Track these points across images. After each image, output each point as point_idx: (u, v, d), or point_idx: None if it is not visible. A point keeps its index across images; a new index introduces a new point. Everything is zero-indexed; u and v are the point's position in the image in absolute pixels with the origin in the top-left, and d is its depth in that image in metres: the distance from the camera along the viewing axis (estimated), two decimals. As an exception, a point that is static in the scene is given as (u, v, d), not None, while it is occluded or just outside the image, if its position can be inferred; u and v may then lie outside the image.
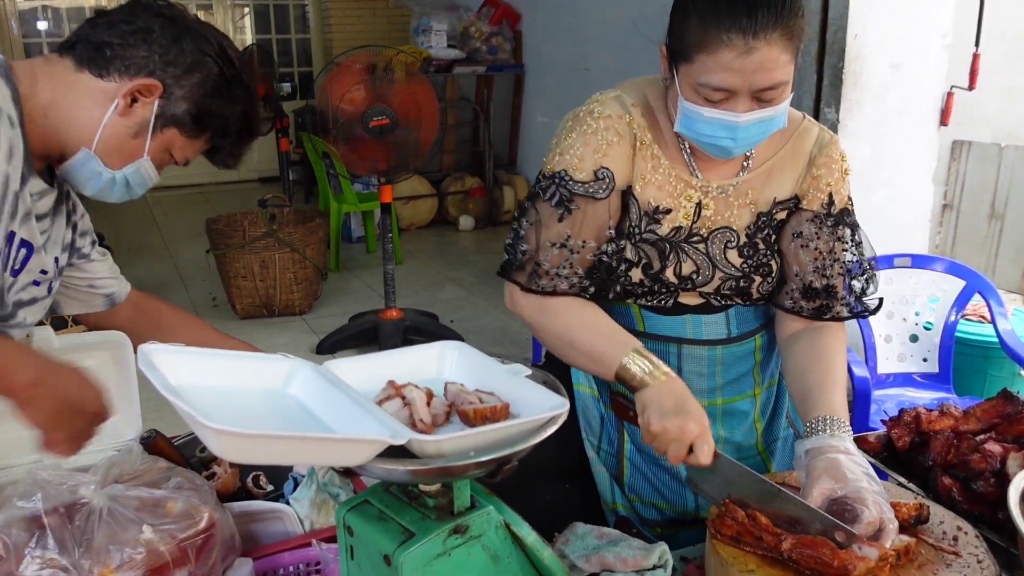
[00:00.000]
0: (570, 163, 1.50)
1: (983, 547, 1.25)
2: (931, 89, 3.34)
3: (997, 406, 1.58)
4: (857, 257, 1.57)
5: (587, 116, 1.51)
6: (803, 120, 1.58)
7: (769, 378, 1.67)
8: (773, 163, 1.55)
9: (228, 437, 0.79)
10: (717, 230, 1.54)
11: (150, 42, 1.36)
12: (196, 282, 5.51)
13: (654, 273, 1.53)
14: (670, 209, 1.52)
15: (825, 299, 1.55)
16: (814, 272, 1.55)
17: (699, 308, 1.56)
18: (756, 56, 1.29)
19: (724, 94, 1.34)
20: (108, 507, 1.26)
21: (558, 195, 1.49)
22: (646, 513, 1.64)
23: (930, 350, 2.96)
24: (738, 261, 1.54)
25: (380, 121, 3.87)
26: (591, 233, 1.49)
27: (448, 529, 1.02)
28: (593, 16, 5.94)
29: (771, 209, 1.55)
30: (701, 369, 1.58)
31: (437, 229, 7.19)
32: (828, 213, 1.55)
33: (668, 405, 1.33)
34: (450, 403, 1.08)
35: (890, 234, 3.37)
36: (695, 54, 1.33)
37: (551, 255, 1.49)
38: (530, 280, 1.51)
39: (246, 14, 9.21)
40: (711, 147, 1.42)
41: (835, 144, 1.57)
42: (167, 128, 1.41)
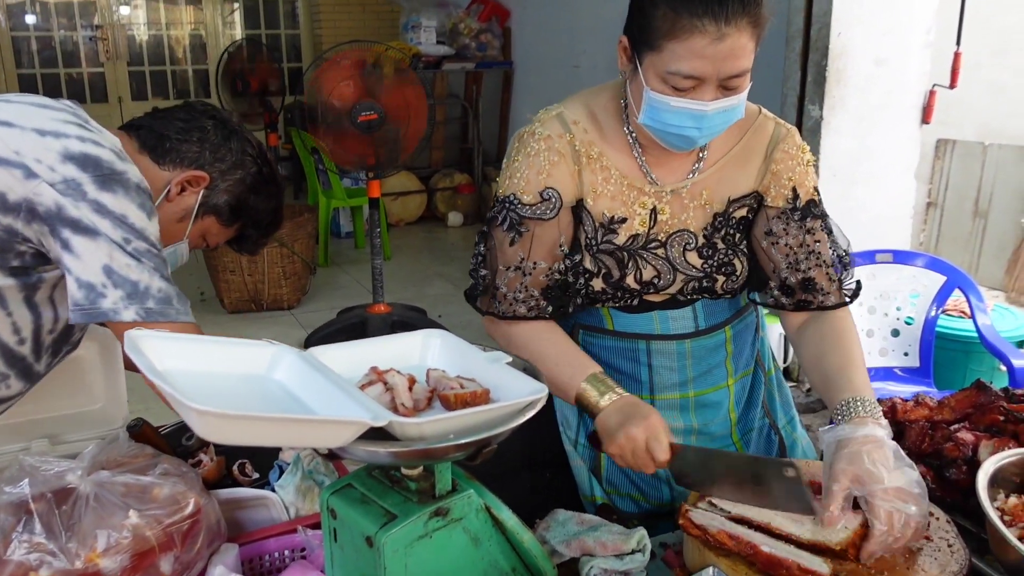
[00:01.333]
0: (517, 186, 1.51)
1: (953, 531, 1.28)
2: (914, 86, 3.37)
3: (971, 396, 1.61)
4: (831, 246, 1.56)
5: (529, 138, 1.52)
6: (758, 115, 1.56)
7: (743, 368, 1.67)
8: (726, 161, 1.54)
9: (211, 418, 0.81)
10: (675, 234, 1.53)
11: (204, 140, 1.54)
12: (184, 276, 5.51)
13: (615, 281, 1.53)
14: (625, 218, 1.52)
15: (803, 293, 1.55)
16: (787, 268, 1.55)
17: (665, 304, 1.57)
18: (727, 43, 1.29)
19: (693, 82, 1.33)
20: (95, 493, 1.27)
21: (508, 219, 1.51)
22: (623, 505, 1.65)
23: (911, 344, 2.99)
24: (698, 262, 1.54)
25: (368, 116, 3.88)
26: (542, 254, 1.50)
27: (429, 512, 1.04)
28: (582, 12, 5.96)
29: (727, 208, 1.54)
30: (671, 363, 1.59)
31: (426, 225, 7.21)
32: (794, 207, 1.54)
33: (612, 423, 1.39)
34: (432, 389, 1.10)
35: (873, 230, 3.41)
36: (664, 42, 1.31)
37: (508, 279, 1.51)
38: (491, 305, 1.54)
39: (235, 9, 9.19)
40: (676, 137, 1.40)
41: (792, 137, 1.56)
42: (207, 216, 1.59)
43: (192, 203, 1.55)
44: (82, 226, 1.28)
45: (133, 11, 8.80)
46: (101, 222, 1.29)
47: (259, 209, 1.64)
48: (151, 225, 1.36)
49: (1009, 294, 5.13)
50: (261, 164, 1.61)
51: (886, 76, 3.31)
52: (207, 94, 8.52)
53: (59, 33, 8.44)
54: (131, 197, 1.33)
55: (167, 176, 1.51)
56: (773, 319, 1.87)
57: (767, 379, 1.73)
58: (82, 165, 1.31)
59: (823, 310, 1.56)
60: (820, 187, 1.62)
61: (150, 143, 1.51)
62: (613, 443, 1.37)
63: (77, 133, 1.35)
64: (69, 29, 8.50)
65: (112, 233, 1.29)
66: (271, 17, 9.21)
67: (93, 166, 1.31)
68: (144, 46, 8.86)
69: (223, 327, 4.72)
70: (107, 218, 1.29)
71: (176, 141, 1.52)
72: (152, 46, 8.90)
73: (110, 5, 8.52)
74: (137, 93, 8.85)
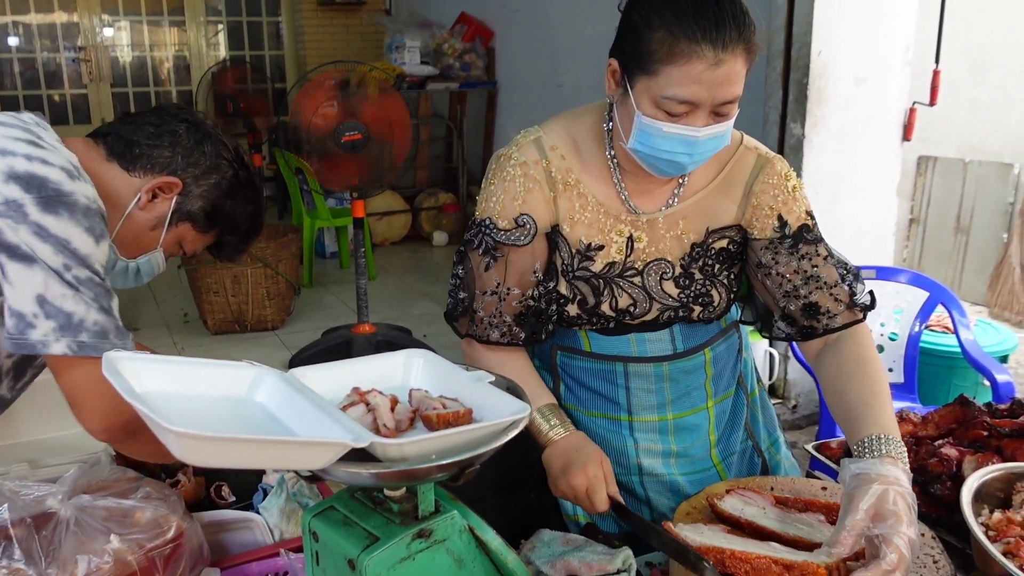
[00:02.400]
0: (493, 210, 1.51)
1: (939, 548, 1.28)
2: (894, 104, 3.41)
3: (954, 411, 1.62)
4: (834, 265, 1.52)
5: (506, 162, 1.51)
6: (740, 145, 1.54)
7: (723, 391, 1.65)
8: (707, 192, 1.53)
9: (190, 440, 0.80)
10: (652, 262, 1.53)
11: (175, 144, 1.49)
12: (168, 298, 5.48)
13: (590, 308, 1.53)
14: (602, 245, 1.51)
15: (807, 320, 1.51)
16: (784, 297, 1.52)
17: (642, 326, 1.56)
18: (723, 68, 1.29)
19: (688, 107, 1.32)
20: (75, 517, 1.26)
21: (484, 244, 1.51)
22: (606, 526, 1.63)
23: (896, 360, 3.00)
24: (675, 292, 1.53)
25: (352, 136, 3.88)
26: (515, 280, 1.51)
27: (412, 533, 1.03)
28: (565, 33, 6.00)
29: (706, 239, 1.53)
30: (648, 386, 1.58)
31: (411, 244, 7.20)
32: (783, 236, 1.51)
33: (556, 467, 1.45)
34: (414, 409, 1.10)
35: (856, 246, 3.42)
36: (661, 67, 1.30)
37: (485, 303, 1.52)
38: (469, 327, 1.55)
39: (220, 31, 9.20)
40: (666, 163, 1.39)
41: (772, 165, 1.53)
42: (182, 223, 1.53)
43: (165, 210, 1.50)
44: (19, 252, 1.23)
45: (116, 33, 8.79)
46: (41, 247, 1.24)
47: (236, 214, 1.57)
48: (98, 251, 1.30)
49: (992, 309, 5.17)
50: (238, 168, 1.55)
51: (866, 94, 3.34)
52: (191, 115, 8.50)
53: (42, 55, 8.43)
54: (77, 220, 1.27)
55: (137, 183, 1.46)
56: (757, 336, 1.87)
57: (750, 401, 1.72)
58: (26, 186, 1.26)
59: (831, 332, 1.51)
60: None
61: (118, 149, 1.47)
62: (557, 488, 1.47)
63: (25, 151, 1.30)
64: (52, 51, 8.48)
65: (51, 259, 1.24)
66: (255, 38, 9.22)
67: (38, 187, 1.26)
68: (127, 67, 8.85)
69: (206, 348, 4.69)
70: (48, 243, 1.24)
71: (146, 147, 1.47)
72: (136, 67, 8.89)
73: (93, 27, 8.52)
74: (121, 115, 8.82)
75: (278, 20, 9.22)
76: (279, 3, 9.14)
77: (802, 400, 3.61)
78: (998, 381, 2.64)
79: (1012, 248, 5.07)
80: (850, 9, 3.22)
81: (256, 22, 9.19)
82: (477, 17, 7.16)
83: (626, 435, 1.61)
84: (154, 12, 8.85)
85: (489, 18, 7.11)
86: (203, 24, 9.03)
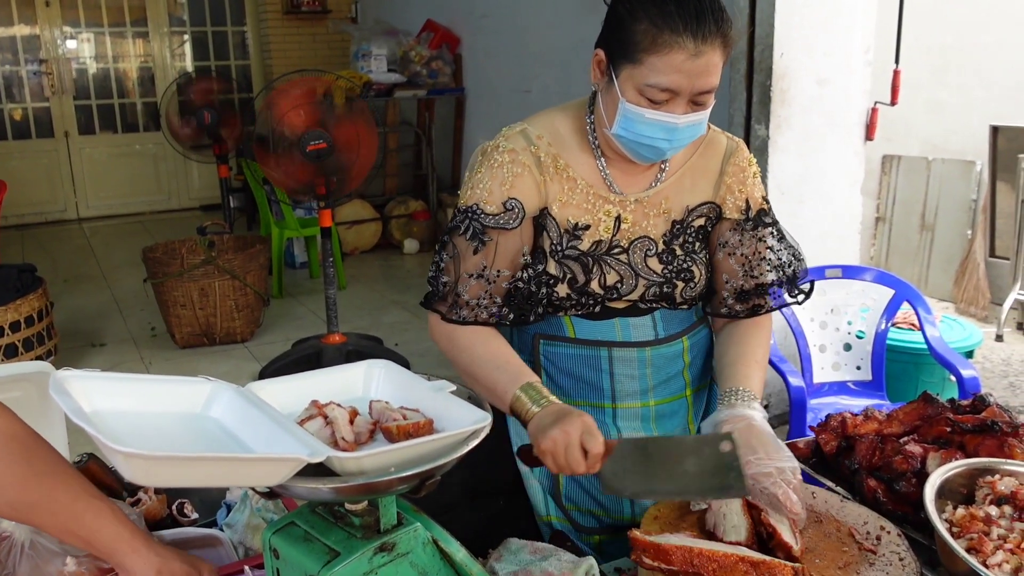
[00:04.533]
0: (481, 196, 1.54)
1: (904, 545, 1.29)
2: (856, 104, 3.43)
3: (918, 408, 1.62)
4: (783, 248, 1.65)
5: (494, 151, 1.57)
6: (709, 130, 1.64)
7: (700, 381, 1.71)
8: (683, 172, 1.62)
9: (138, 460, 0.79)
10: (636, 240, 1.58)
11: None
12: (135, 312, 5.41)
13: (579, 286, 1.57)
14: (589, 225, 1.56)
15: (756, 298, 1.64)
16: (744, 276, 1.63)
17: (626, 311, 1.61)
18: (703, 59, 1.37)
19: (668, 95, 1.40)
20: (30, 540, 1.24)
21: (471, 229, 1.54)
22: (584, 521, 1.65)
23: (863, 358, 3.02)
24: (659, 268, 1.59)
25: (317, 145, 3.86)
26: (504, 262, 1.54)
27: (374, 547, 1.02)
28: (531, 39, 6.01)
29: (685, 216, 1.61)
30: (632, 371, 1.61)
31: (381, 253, 7.17)
32: (746, 218, 1.63)
33: (547, 421, 1.36)
34: (375, 421, 1.08)
35: (822, 245, 3.45)
36: (644, 56, 1.39)
37: (470, 286, 1.54)
38: (451, 310, 1.55)
39: (185, 41, 9.13)
40: (647, 148, 1.47)
41: (741, 150, 1.65)
42: None
43: None
44: None
45: (79, 44, 8.70)
46: None
47: None
48: None
49: (958, 305, 5.23)
50: None
51: (829, 95, 3.36)
52: (156, 127, 8.43)
53: (3, 68, 8.31)
54: None
55: None
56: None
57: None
58: None
59: (772, 311, 1.66)
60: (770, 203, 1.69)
61: None
62: (546, 438, 1.33)
63: None
64: (13, 64, 8.37)
65: None
66: (220, 48, 9.16)
67: None
68: (91, 79, 8.76)
69: (175, 363, 4.64)
70: None
71: None
72: (99, 79, 8.80)
73: (55, 39, 8.42)
74: (84, 127, 8.73)
75: (243, 29, 9.17)
76: (244, 12, 9.09)
77: (772, 400, 3.63)
78: (963, 376, 2.67)
79: (976, 244, 5.14)
80: (811, 11, 3.24)
81: (221, 32, 9.13)
82: (443, 24, 7.16)
83: (609, 423, 1.63)
84: (117, 23, 8.77)
85: (456, 25, 7.11)
86: (167, 35, 8.96)
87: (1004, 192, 4.98)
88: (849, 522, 1.38)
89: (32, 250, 7.48)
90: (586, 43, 1.63)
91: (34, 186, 8.52)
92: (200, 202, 9.17)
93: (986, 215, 5.09)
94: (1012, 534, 1.22)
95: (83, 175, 8.78)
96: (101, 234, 8.18)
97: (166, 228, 8.16)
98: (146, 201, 9.00)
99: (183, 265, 4.61)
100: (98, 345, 4.85)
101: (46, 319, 4.22)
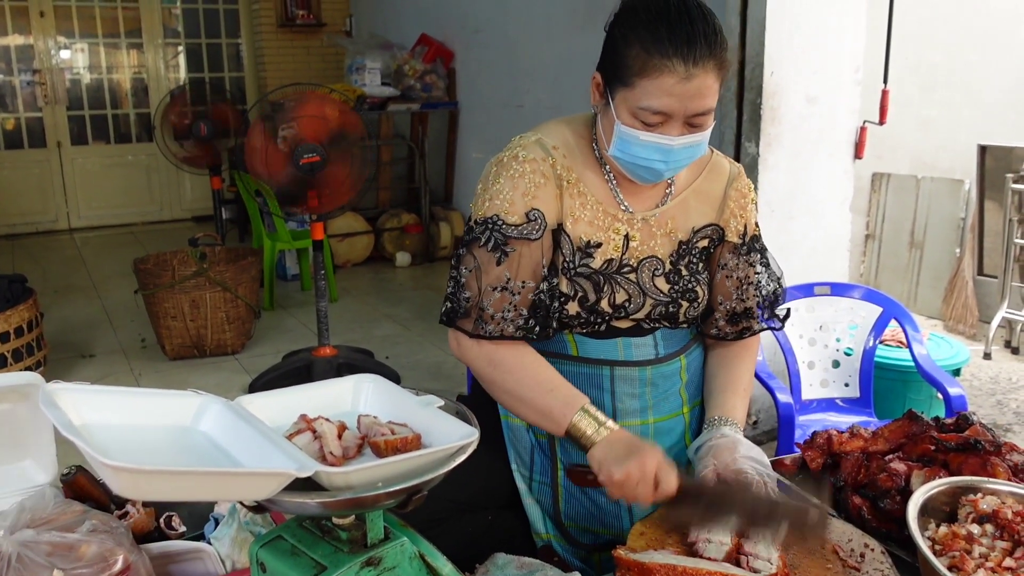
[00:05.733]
0: (501, 207, 1.53)
1: (888, 562, 1.30)
2: (845, 123, 3.46)
3: (903, 426, 1.64)
4: (767, 275, 1.71)
5: (512, 161, 1.56)
6: (712, 155, 1.69)
7: (695, 398, 1.72)
8: (688, 194, 1.65)
9: (126, 474, 0.79)
10: (645, 259, 1.61)
11: None
12: (125, 323, 5.39)
13: (590, 305, 1.57)
14: (600, 243, 1.58)
15: (745, 321, 1.69)
16: (736, 299, 1.68)
17: (630, 331, 1.63)
18: (695, 82, 1.39)
19: (661, 118, 1.43)
20: (18, 553, 1.23)
21: (493, 240, 1.52)
22: (582, 538, 1.66)
23: (851, 375, 3.04)
24: (665, 287, 1.61)
25: (311, 159, 3.86)
26: (528, 273, 1.53)
27: (360, 562, 1.03)
28: (524, 55, 6.04)
29: (690, 237, 1.64)
30: (633, 390, 1.62)
31: (373, 266, 7.16)
32: (743, 243, 1.68)
33: (621, 452, 1.41)
34: (363, 435, 1.09)
35: (811, 263, 3.47)
36: (637, 80, 1.41)
37: (494, 299, 1.52)
38: (476, 326, 1.52)
39: (179, 53, 9.14)
40: (644, 170, 1.50)
41: (742, 176, 1.71)
42: None
43: None
44: None
45: (73, 55, 8.70)
46: None
47: None
48: None
49: (946, 322, 5.25)
50: None
51: (818, 113, 3.39)
52: (149, 138, 8.44)
53: (-4, 78, 8.32)
54: None
55: None
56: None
57: None
58: None
59: (755, 334, 1.72)
60: (759, 222, 1.75)
61: None
62: (621, 469, 1.37)
63: None
64: (7, 73, 8.37)
65: None
66: (214, 60, 9.17)
67: None
68: (84, 90, 8.76)
69: (164, 374, 4.63)
70: None
71: None
72: (92, 90, 8.80)
73: (48, 49, 8.42)
74: (77, 138, 8.72)
75: (238, 42, 9.18)
76: (238, 25, 9.11)
77: (762, 416, 3.64)
78: (951, 394, 2.68)
79: (964, 262, 5.17)
80: (801, 30, 3.27)
81: (215, 44, 9.15)
82: (437, 38, 7.19)
83: None
84: (111, 34, 8.77)
85: (449, 39, 7.14)
86: (161, 46, 8.97)
87: (992, 211, 5.01)
88: (833, 539, 1.39)
89: (22, 260, 7.45)
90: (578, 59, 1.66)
91: (25, 196, 8.50)
92: (192, 213, 9.16)
93: (974, 233, 5.13)
94: (993, 552, 1.24)
95: (75, 185, 8.76)
96: (92, 245, 8.16)
97: (158, 239, 8.15)
98: (138, 212, 8.99)
99: (174, 277, 4.61)
100: (88, 356, 4.83)
101: (36, 330, 4.20)
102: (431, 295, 6.19)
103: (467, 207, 1.68)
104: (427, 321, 5.48)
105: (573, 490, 1.65)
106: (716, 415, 1.62)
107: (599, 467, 1.42)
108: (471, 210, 1.60)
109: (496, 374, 1.54)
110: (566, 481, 1.65)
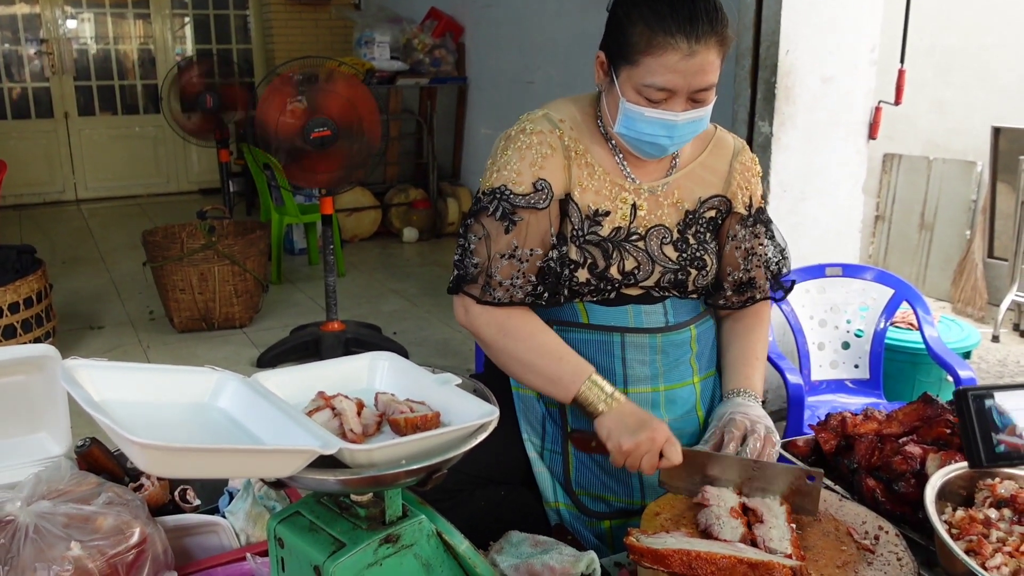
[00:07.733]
0: (509, 178, 1.58)
1: (903, 545, 1.30)
2: (860, 103, 3.43)
3: (918, 409, 1.63)
4: (772, 246, 1.76)
5: (520, 134, 1.61)
6: (716, 130, 1.73)
7: (706, 370, 1.74)
8: (694, 167, 1.68)
9: (154, 451, 0.79)
10: (652, 228, 1.64)
11: None
12: (133, 295, 5.40)
13: (600, 272, 1.60)
14: (608, 211, 1.61)
15: (750, 291, 1.73)
16: (743, 269, 1.71)
17: (640, 299, 1.65)
18: (697, 59, 1.43)
19: (665, 94, 1.46)
20: (35, 524, 1.24)
21: (501, 209, 1.57)
22: (593, 506, 1.68)
23: (861, 357, 3.03)
24: (674, 255, 1.64)
25: (322, 133, 3.85)
26: (536, 241, 1.57)
27: (379, 539, 1.03)
28: (535, 30, 5.99)
29: (697, 207, 1.67)
30: (643, 357, 1.64)
31: (381, 241, 7.16)
32: (749, 214, 1.71)
33: (631, 423, 1.48)
34: (381, 413, 1.09)
35: (823, 244, 3.45)
36: (640, 57, 1.45)
37: (502, 266, 1.56)
38: (484, 292, 1.57)
39: (186, 24, 9.09)
40: (649, 145, 1.53)
41: (746, 150, 1.75)
42: None
43: None
44: None
45: (80, 25, 8.66)
46: None
47: None
48: None
49: (956, 305, 5.24)
50: None
51: (833, 93, 3.36)
52: (156, 109, 8.41)
53: (3, 47, 8.28)
54: None
55: None
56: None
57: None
58: None
59: (758, 303, 1.76)
60: (771, 201, 1.77)
61: None
62: (630, 440, 1.44)
63: None
64: (13, 43, 8.33)
65: None
66: (222, 32, 9.12)
67: None
68: (91, 60, 8.72)
69: (173, 347, 4.64)
70: None
71: None
72: (100, 60, 8.76)
73: (56, 19, 8.38)
74: (84, 108, 8.70)
75: (245, 14, 9.13)
76: (246, -4, 9.05)
77: (770, 396, 3.64)
78: (961, 377, 2.68)
79: (975, 245, 5.15)
80: (817, 9, 3.24)
81: (223, 15, 9.09)
82: (447, 12, 7.14)
83: None
84: (118, 4, 8.73)
85: (459, 13, 7.09)
86: (168, 17, 8.92)
87: (1004, 193, 4.98)
88: (847, 521, 1.39)
89: (30, 230, 7.46)
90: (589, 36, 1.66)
91: (33, 166, 8.50)
92: (199, 186, 9.15)
93: (985, 216, 5.10)
94: (1011, 537, 1.23)
95: (82, 156, 8.75)
96: (99, 216, 8.16)
97: (164, 211, 8.15)
98: (144, 184, 8.98)
99: (183, 249, 4.61)
100: (96, 328, 4.84)
101: (45, 301, 4.21)
102: (438, 271, 6.19)
103: (475, 183, 1.71)
104: (434, 297, 5.48)
105: (583, 458, 1.67)
106: (734, 386, 1.67)
107: (608, 435, 1.49)
108: (480, 184, 1.64)
109: (506, 341, 1.59)
110: (577, 451, 1.67)
